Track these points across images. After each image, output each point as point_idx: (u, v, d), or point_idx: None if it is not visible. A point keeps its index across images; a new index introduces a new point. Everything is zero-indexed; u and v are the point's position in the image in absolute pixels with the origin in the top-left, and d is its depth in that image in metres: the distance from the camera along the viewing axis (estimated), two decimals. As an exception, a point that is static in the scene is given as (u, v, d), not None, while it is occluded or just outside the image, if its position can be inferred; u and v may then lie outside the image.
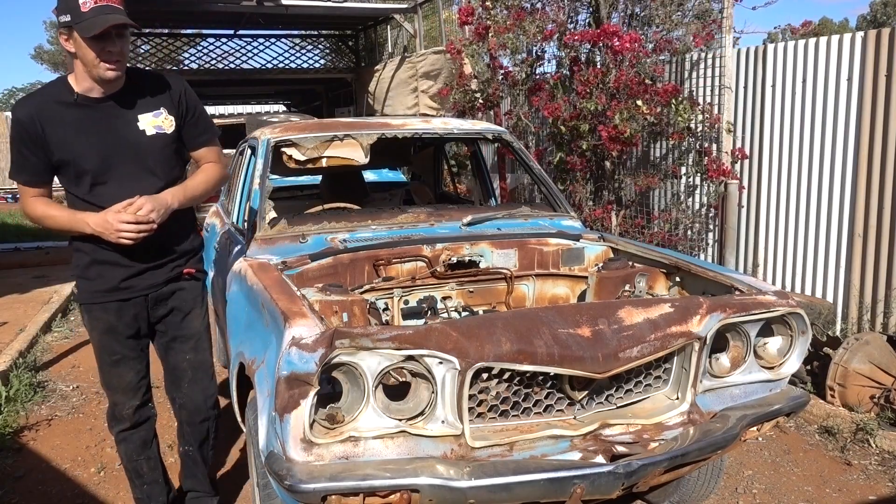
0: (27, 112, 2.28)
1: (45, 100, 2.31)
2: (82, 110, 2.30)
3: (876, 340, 3.85)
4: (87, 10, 2.12)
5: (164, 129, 2.40)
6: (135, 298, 2.48)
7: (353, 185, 4.27)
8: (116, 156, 2.32)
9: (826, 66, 4.68)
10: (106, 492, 3.26)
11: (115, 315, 2.46)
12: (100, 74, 2.24)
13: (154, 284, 2.50)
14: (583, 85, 5.28)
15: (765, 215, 5.19)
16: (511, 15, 5.79)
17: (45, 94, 2.34)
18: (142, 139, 2.37)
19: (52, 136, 2.27)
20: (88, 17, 2.12)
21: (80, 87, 2.29)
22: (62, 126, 2.28)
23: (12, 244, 10.09)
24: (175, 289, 2.57)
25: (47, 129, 2.27)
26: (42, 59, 38.10)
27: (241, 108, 19.14)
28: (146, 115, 2.38)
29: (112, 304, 2.45)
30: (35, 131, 2.26)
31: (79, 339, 5.70)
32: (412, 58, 10.04)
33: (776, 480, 3.31)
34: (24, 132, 2.27)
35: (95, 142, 2.31)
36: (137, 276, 2.45)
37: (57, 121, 2.28)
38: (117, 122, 2.34)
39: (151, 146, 2.38)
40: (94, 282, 2.43)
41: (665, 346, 2.19)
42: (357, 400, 1.95)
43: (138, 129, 2.36)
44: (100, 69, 2.22)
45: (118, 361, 2.52)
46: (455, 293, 3.07)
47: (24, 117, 2.27)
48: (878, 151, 4.43)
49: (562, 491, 1.98)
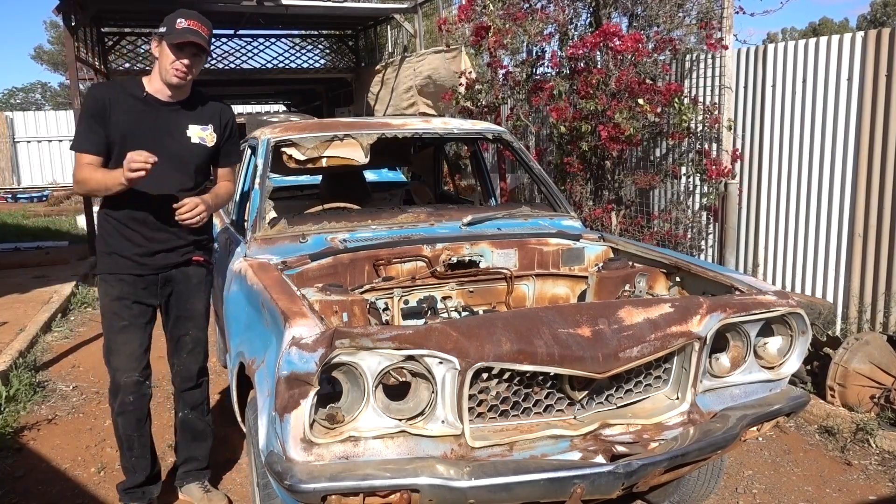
0: (101, 92, 2.75)
1: (119, 88, 2.79)
2: (145, 105, 2.74)
3: (876, 340, 3.85)
4: (179, 28, 2.62)
5: (206, 142, 2.84)
6: (147, 276, 2.83)
7: (355, 186, 4.27)
8: (158, 151, 2.62)
9: (826, 66, 4.68)
10: (106, 492, 3.26)
11: (129, 286, 2.81)
12: (169, 78, 2.68)
13: (165, 265, 2.86)
14: (584, 86, 5.28)
15: (765, 215, 5.19)
16: (510, 15, 5.78)
17: (121, 84, 2.84)
18: (185, 144, 2.79)
19: (113, 116, 2.68)
20: (177, 31, 2.62)
21: (151, 88, 2.75)
22: (125, 112, 2.70)
23: (12, 244, 10.09)
24: (183, 273, 2.92)
25: (112, 109, 2.69)
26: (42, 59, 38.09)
27: (241, 108, 19.17)
28: (196, 126, 2.82)
29: (127, 277, 2.81)
30: (103, 108, 2.68)
31: (79, 339, 5.71)
32: (412, 58, 10.04)
33: (776, 480, 3.31)
34: (94, 107, 2.69)
35: (145, 133, 2.71)
36: (152, 256, 2.81)
37: (122, 106, 2.70)
38: (170, 123, 2.77)
39: (190, 152, 2.81)
40: (113, 256, 2.80)
41: (665, 346, 2.19)
42: (357, 400, 1.95)
43: (185, 134, 2.80)
44: (169, 73, 2.67)
45: (125, 328, 2.82)
46: (455, 293, 3.07)
47: (97, 94, 2.73)
48: (878, 151, 4.43)
49: (562, 491, 1.98)
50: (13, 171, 20.56)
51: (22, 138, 20.52)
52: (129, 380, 2.82)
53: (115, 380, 2.85)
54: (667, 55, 5.54)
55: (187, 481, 3.13)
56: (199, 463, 3.13)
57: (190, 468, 3.13)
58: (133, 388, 2.84)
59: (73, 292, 6.90)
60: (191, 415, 3.07)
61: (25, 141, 20.53)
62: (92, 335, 5.74)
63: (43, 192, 18.25)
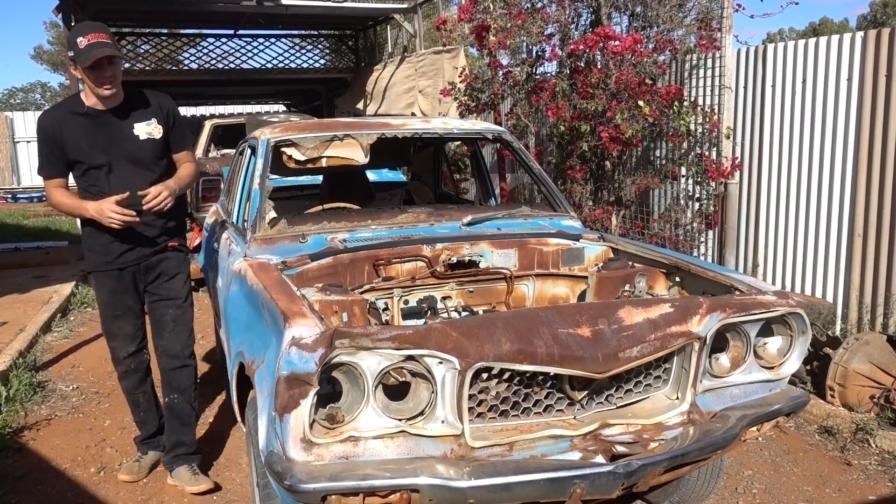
0: (48, 120, 2.98)
1: (63, 111, 3.01)
2: (90, 119, 2.96)
3: (876, 340, 3.85)
4: (83, 47, 2.76)
5: (154, 135, 3.06)
6: (129, 267, 3.11)
7: (357, 186, 4.26)
8: (116, 154, 2.98)
9: (826, 66, 4.68)
10: (106, 492, 3.26)
11: (116, 280, 3.11)
12: (99, 93, 2.89)
13: (143, 256, 3.12)
14: (584, 86, 5.28)
15: (765, 215, 5.19)
16: (510, 14, 5.78)
17: (63, 107, 3.05)
18: (136, 142, 3.02)
19: (67, 138, 2.93)
20: (84, 52, 2.76)
21: (89, 102, 2.96)
22: (75, 131, 2.94)
23: (12, 244, 10.08)
24: (161, 259, 3.18)
25: (64, 133, 2.93)
26: (42, 59, 38.11)
27: (241, 108, 19.15)
28: (140, 123, 3.03)
29: (113, 272, 3.10)
30: (55, 135, 2.93)
31: (79, 338, 5.71)
32: (412, 58, 10.04)
33: (776, 480, 3.31)
34: (48, 136, 2.95)
35: (100, 143, 2.96)
36: (130, 251, 3.09)
37: (71, 127, 2.94)
38: (117, 128, 2.99)
39: (143, 147, 3.03)
40: (98, 254, 3.08)
41: (665, 346, 2.19)
42: (357, 400, 1.95)
43: (133, 133, 3.01)
44: (99, 90, 2.87)
45: (119, 316, 3.17)
46: (455, 293, 3.07)
47: (47, 124, 2.97)
48: (877, 151, 4.43)
49: (562, 491, 1.98)
50: (13, 172, 20.53)
51: (22, 138, 20.49)
52: (125, 354, 3.21)
53: (115, 354, 3.22)
54: (667, 55, 5.54)
55: (176, 465, 3.23)
56: (187, 447, 3.26)
57: (179, 452, 3.25)
58: (131, 356, 3.22)
59: (73, 292, 6.90)
60: (177, 399, 3.23)
61: (25, 141, 20.49)
62: (92, 335, 5.74)
63: (43, 193, 18.21)
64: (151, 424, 3.38)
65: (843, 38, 4.61)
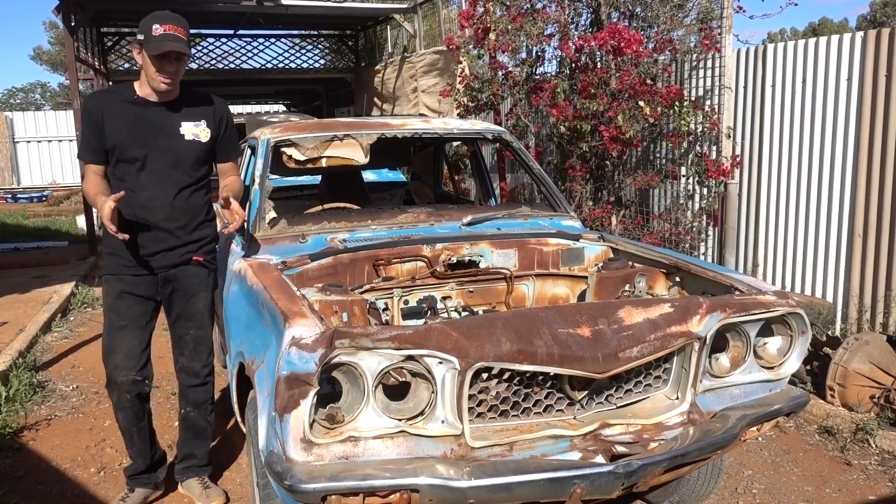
0: (94, 103, 2.82)
1: (111, 95, 2.86)
2: (138, 109, 2.78)
3: (876, 340, 3.85)
4: (156, 35, 2.63)
5: (200, 138, 2.86)
6: (147, 275, 2.87)
7: (353, 188, 4.27)
8: (154, 150, 2.78)
9: (826, 66, 4.68)
10: (106, 492, 3.26)
11: (129, 285, 2.86)
12: (156, 86, 2.73)
13: (164, 266, 2.88)
14: (586, 86, 5.28)
15: (764, 215, 5.19)
16: (510, 15, 5.78)
17: (112, 92, 2.92)
18: (179, 142, 2.83)
19: (108, 123, 2.75)
20: (156, 39, 2.62)
21: (142, 92, 2.79)
22: (118, 118, 2.76)
23: (12, 244, 10.08)
24: (183, 272, 2.93)
25: (106, 117, 2.75)
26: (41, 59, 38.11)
27: (241, 108, 19.15)
28: (188, 123, 2.85)
29: (127, 277, 2.86)
30: (97, 119, 2.76)
31: (79, 339, 5.70)
32: (412, 58, 10.05)
33: (776, 480, 3.31)
34: (90, 118, 2.77)
35: (139, 134, 2.77)
36: (151, 257, 2.85)
37: (115, 113, 2.76)
38: (163, 123, 2.81)
39: (185, 149, 2.84)
40: (115, 257, 2.85)
41: (665, 346, 2.19)
42: (357, 400, 1.95)
43: (179, 132, 2.82)
44: (156, 81, 2.71)
45: (123, 328, 2.86)
46: (455, 293, 3.07)
47: (90, 106, 2.81)
48: (877, 151, 4.43)
49: (562, 491, 1.98)
50: (13, 172, 20.54)
51: (22, 138, 20.51)
52: (125, 378, 2.86)
53: (112, 377, 2.87)
54: (667, 55, 5.55)
55: (187, 477, 3.16)
56: (198, 460, 3.16)
57: (190, 464, 3.16)
58: (129, 386, 2.87)
59: (73, 292, 6.89)
60: (193, 412, 3.09)
61: (25, 141, 20.52)
62: (92, 335, 5.74)
63: (43, 193, 18.24)
64: (142, 461, 3.07)
65: (843, 38, 4.61)
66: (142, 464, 3.07)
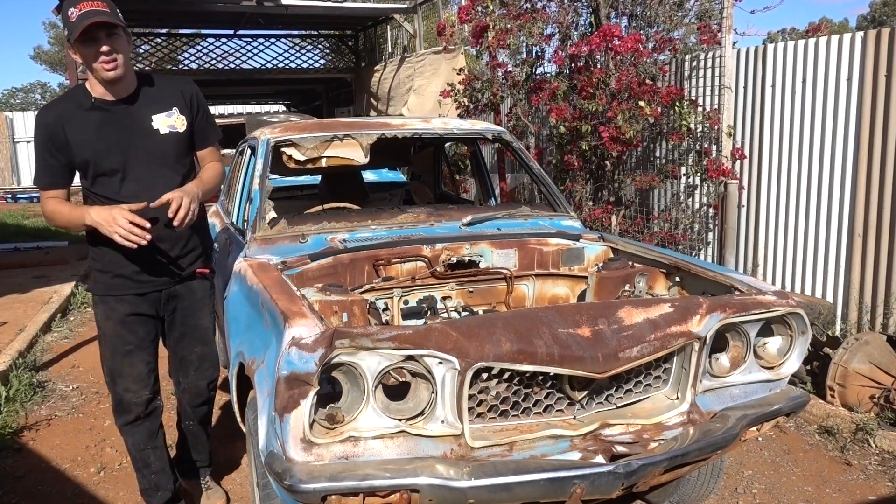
0: (51, 117, 2.43)
1: (65, 105, 2.46)
2: (99, 113, 2.44)
3: (876, 340, 3.85)
4: (74, 20, 2.26)
5: (177, 128, 2.54)
6: (150, 293, 2.62)
7: (353, 188, 4.27)
8: (133, 154, 2.46)
9: (826, 66, 4.68)
10: (106, 492, 3.26)
11: (131, 306, 2.59)
12: (101, 76, 2.36)
13: (169, 281, 2.65)
14: (585, 86, 5.28)
15: (765, 215, 5.19)
16: (510, 14, 5.78)
17: (65, 101, 2.50)
18: (156, 138, 2.50)
19: (73, 137, 2.41)
20: (75, 24, 2.25)
21: (96, 93, 2.44)
22: (82, 128, 2.42)
23: (12, 244, 10.08)
24: (188, 288, 2.72)
25: (69, 131, 2.41)
26: (41, 59, 38.13)
27: (241, 108, 19.16)
28: (159, 115, 2.52)
29: (129, 297, 2.59)
30: (58, 134, 2.40)
31: (79, 339, 5.70)
32: (412, 58, 10.05)
33: (776, 480, 3.31)
34: (49, 136, 2.42)
35: (113, 142, 2.45)
36: (153, 273, 2.59)
37: (77, 123, 2.42)
38: (132, 122, 2.48)
39: (165, 144, 2.52)
40: (111, 274, 2.55)
41: (665, 346, 2.19)
42: (357, 400, 1.95)
43: (152, 128, 2.50)
44: (98, 70, 2.34)
45: (130, 352, 2.62)
46: (455, 293, 3.07)
47: (48, 121, 2.43)
48: (877, 151, 4.43)
49: (562, 491, 1.98)
50: (13, 172, 20.54)
51: (22, 138, 20.50)
52: (137, 399, 2.66)
53: (122, 400, 2.64)
54: (667, 55, 5.54)
55: (189, 477, 3.14)
56: (200, 462, 3.14)
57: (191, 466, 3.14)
58: (143, 405, 2.67)
59: (73, 292, 6.90)
60: (194, 428, 3.00)
61: (25, 141, 20.49)
62: (92, 335, 5.73)
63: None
64: (165, 490, 2.79)
65: (842, 38, 4.60)
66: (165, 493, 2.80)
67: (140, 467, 2.78)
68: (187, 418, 2.98)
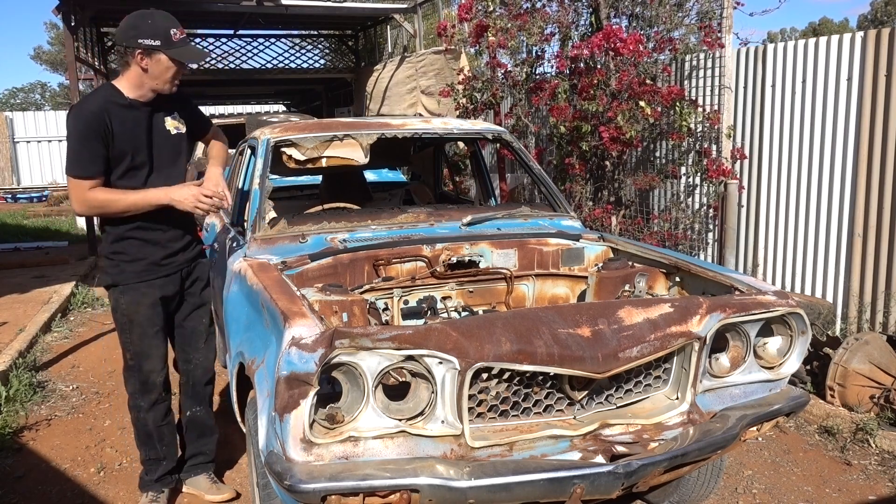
0: (96, 107, 2.63)
1: (106, 102, 2.67)
2: (134, 111, 2.71)
3: (876, 340, 3.85)
4: (177, 40, 2.61)
5: (181, 129, 2.90)
6: (173, 274, 2.91)
7: (355, 186, 4.26)
8: (158, 150, 2.80)
9: (826, 66, 4.68)
10: (106, 492, 3.26)
11: (160, 289, 2.86)
12: (167, 89, 2.72)
13: (187, 260, 2.96)
14: (585, 86, 5.28)
15: (765, 215, 5.19)
16: (510, 14, 5.78)
17: (103, 97, 2.69)
18: (170, 138, 2.85)
19: (117, 128, 2.65)
20: (179, 45, 2.62)
21: (133, 94, 2.70)
22: (123, 122, 2.68)
23: (12, 244, 10.09)
24: (200, 265, 3.05)
25: (114, 122, 2.64)
26: (41, 59, 38.12)
27: (241, 108, 19.16)
28: (168, 118, 2.85)
29: (157, 280, 2.85)
30: (104, 124, 2.61)
31: (78, 339, 5.70)
32: (412, 58, 10.05)
33: (776, 480, 3.31)
34: (97, 123, 2.60)
35: (145, 138, 2.76)
36: (174, 255, 2.89)
37: (119, 117, 2.67)
38: (154, 123, 2.80)
39: (177, 144, 2.88)
40: (139, 263, 2.81)
41: (665, 346, 2.19)
42: (357, 400, 1.95)
43: (166, 129, 2.84)
44: (168, 84, 2.70)
45: (157, 332, 2.89)
46: (455, 293, 3.07)
47: (95, 109, 2.62)
48: (877, 151, 4.43)
49: (562, 491, 1.98)
50: (13, 172, 20.53)
51: (22, 138, 20.51)
52: (161, 378, 2.93)
53: (148, 380, 2.90)
54: (667, 55, 5.54)
55: (194, 474, 3.18)
56: (205, 457, 3.19)
57: (197, 462, 3.18)
58: (165, 384, 2.96)
59: (73, 292, 6.89)
60: (200, 412, 3.11)
61: (25, 141, 20.51)
62: (91, 335, 5.74)
63: (43, 193, 18.24)
64: (171, 459, 3.06)
65: (842, 38, 4.61)
66: (170, 462, 3.06)
67: (155, 441, 3.00)
68: (196, 404, 3.10)
